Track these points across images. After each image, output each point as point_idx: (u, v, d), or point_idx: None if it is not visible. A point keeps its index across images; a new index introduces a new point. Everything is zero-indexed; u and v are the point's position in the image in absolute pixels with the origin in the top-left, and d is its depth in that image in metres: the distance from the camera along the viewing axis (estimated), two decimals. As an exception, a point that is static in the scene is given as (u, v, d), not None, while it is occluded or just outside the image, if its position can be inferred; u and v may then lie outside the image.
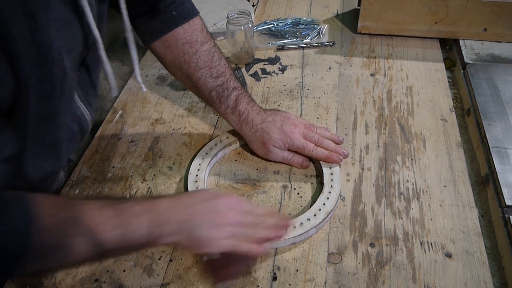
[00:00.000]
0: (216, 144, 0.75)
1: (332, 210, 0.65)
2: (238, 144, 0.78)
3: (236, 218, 0.52)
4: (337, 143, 0.73)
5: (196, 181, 0.69)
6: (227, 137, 0.77)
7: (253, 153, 0.76)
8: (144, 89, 0.66)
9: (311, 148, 0.71)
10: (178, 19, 0.69)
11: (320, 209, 0.64)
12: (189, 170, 0.72)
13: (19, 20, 0.41)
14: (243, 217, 0.53)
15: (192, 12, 0.70)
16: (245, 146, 0.77)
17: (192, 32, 0.70)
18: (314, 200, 0.68)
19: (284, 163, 0.74)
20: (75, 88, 0.55)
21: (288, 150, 0.73)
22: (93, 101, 0.61)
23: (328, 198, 0.66)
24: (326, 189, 0.67)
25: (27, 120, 0.47)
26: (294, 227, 0.62)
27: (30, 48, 0.42)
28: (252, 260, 0.58)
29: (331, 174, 0.69)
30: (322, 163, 0.71)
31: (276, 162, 0.74)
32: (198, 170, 0.71)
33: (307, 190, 0.70)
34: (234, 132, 0.77)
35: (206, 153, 0.74)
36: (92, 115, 0.61)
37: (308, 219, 0.63)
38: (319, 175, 0.72)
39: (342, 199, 0.68)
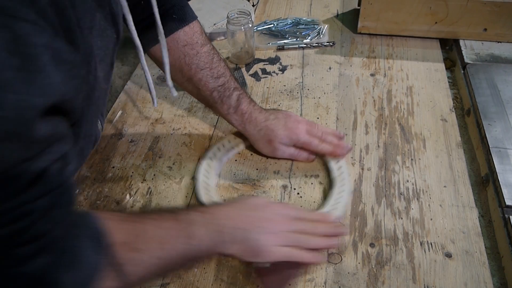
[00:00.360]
0: (219, 149, 0.75)
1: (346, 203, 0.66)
2: (241, 147, 0.77)
3: (289, 225, 0.52)
4: (339, 139, 0.74)
5: (208, 190, 0.69)
6: (229, 141, 0.77)
7: (254, 153, 0.76)
8: (175, 94, 0.68)
9: (316, 143, 0.72)
10: (179, 22, 0.69)
11: (339, 202, 0.66)
12: (195, 176, 0.71)
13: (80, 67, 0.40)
14: (295, 224, 0.53)
15: (192, 16, 0.71)
16: (249, 147, 0.77)
17: (192, 34, 0.70)
18: (315, 199, 0.68)
19: (290, 159, 0.74)
20: (104, 99, 0.54)
21: (295, 146, 0.73)
22: (105, 109, 0.61)
23: (343, 191, 0.67)
24: (338, 183, 0.68)
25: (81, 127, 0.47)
26: None
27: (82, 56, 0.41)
28: (304, 268, 0.58)
29: (340, 167, 0.71)
30: (327, 159, 0.72)
31: (281, 159, 0.74)
32: (207, 178, 0.70)
33: (307, 190, 0.70)
34: (236, 135, 0.77)
35: (211, 158, 0.73)
36: (103, 124, 0.61)
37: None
38: (319, 175, 0.72)
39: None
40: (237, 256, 0.50)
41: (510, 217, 0.63)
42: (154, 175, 0.73)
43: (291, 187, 0.71)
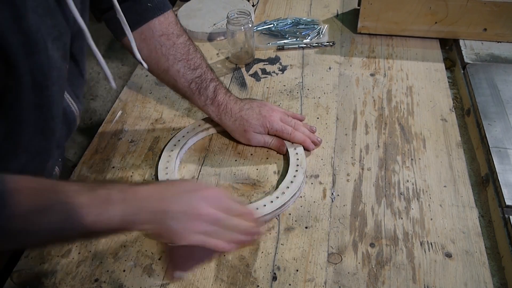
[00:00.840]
0: (188, 132, 0.78)
1: (298, 188, 0.68)
2: (212, 131, 0.80)
3: (212, 215, 0.50)
4: (310, 132, 0.76)
5: (167, 174, 0.71)
6: (199, 125, 0.79)
7: (231, 140, 0.78)
8: (146, 66, 0.68)
9: (289, 131, 0.73)
10: (154, 11, 0.69)
11: (288, 187, 0.67)
12: (159, 159, 0.73)
13: (1, 8, 0.41)
14: (219, 214, 0.51)
15: (167, 5, 0.71)
16: (224, 132, 0.79)
17: (167, 24, 0.70)
18: (315, 199, 0.68)
19: (265, 147, 0.76)
20: (65, 79, 0.54)
21: (268, 134, 0.75)
22: (80, 92, 0.60)
23: (295, 176, 0.69)
24: (292, 168, 0.70)
25: (22, 110, 0.48)
26: (265, 205, 0.65)
27: (16, 36, 0.42)
28: (217, 255, 0.59)
29: (296, 153, 0.73)
30: (288, 144, 0.75)
31: (257, 146, 0.77)
32: (168, 161, 0.73)
33: (307, 190, 0.70)
34: (208, 120, 0.80)
35: (175, 145, 0.76)
36: (79, 107, 0.59)
37: (277, 197, 0.66)
38: (319, 175, 0.72)
39: (333, 199, 0.68)
40: (154, 236, 0.50)
41: (510, 217, 0.63)
42: (154, 175, 0.73)
43: (291, 187, 0.71)
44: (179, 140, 0.76)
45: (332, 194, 0.69)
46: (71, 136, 0.62)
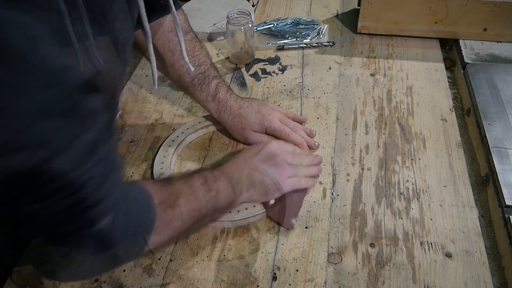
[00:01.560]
0: (187, 128, 0.78)
1: None
2: (212, 129, 0.80)
3: (288, 159, 0.62)
4: (309, 136, 0.76)
5: (162, 168, 0.71)
6: (199, 122, 0.80)
7: (230, 138, 0.79)
8: (192, 69, 0.71)
9: (287, 132, 0.74)
10: (165, 8, 0.70)
11: None
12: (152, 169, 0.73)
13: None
14: (291, 157, 0.63)
15: (178, 4, 0.72)
16: (224, 131, 0.79)
17: (177, 21, 0.71)
18: (315, 199, 0.68)
19: None
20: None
21: (266, 133, 0.75)
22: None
23: None
24: None
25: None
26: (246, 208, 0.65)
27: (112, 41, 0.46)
28: (305, 193, 0.66)
29: None
30: None
31: None
32: (164, 156, 0.73)
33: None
34: (208, 118, 0.80)
35: (173, 140, 0.76)
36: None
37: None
38: (319, 175, 0.72)
39: (333, 199, 0.68)
40: (259, 199, 0.61)
41: (510, 217, 0.63)
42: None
43: (291, 187, 0.70)
44: (177, 136, 0.77)
45: (332, 194, 0.69)
46: None
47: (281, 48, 1.00)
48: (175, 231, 0.51)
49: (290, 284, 0.58)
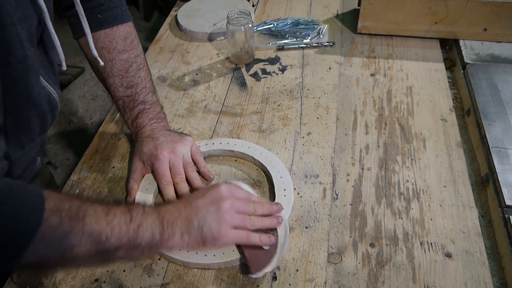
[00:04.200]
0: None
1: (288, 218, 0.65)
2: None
3: (236, 205, 0.56)
4: (207, 180, 0.71)
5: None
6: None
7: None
8: (101, 63, 0.68)
9: (167, 181, 0.67)
10: (102, 23, 0.69)
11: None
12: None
13: None
14: (242, 203, 0.57)
15: (120, 19, 0.70)
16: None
17: (112, 38, 0.70)
18: (315, 199, 0.68)
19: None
20: (38, 64, 0.54)
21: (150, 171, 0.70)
22: (55, 80, 0.60)
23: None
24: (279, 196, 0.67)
25: None
26: None
27: None
28: (276, 240, 0.59)
29: (281, 177, 0.69)
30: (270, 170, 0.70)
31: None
32: (145, 195, 0.67)
33: (307, 190, 0.70)
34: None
35: (149, 183, 0.69)
36: (59, 94, 0.60)
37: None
38: (319, 175, 0.72)
39: (336, 198, 0.68)
40: (197, 245, 0.54)
41: (510, 217, 0.63)
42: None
43: (291, 187, 0.71)
44: (150, 183, 0.69)
45: (336, 193, 0.69)
46: (54, 123, 0.62)
47: (281, 48, 1.00)
48: (70, 250, 0.44)
49: (290, 284, 0.58)
